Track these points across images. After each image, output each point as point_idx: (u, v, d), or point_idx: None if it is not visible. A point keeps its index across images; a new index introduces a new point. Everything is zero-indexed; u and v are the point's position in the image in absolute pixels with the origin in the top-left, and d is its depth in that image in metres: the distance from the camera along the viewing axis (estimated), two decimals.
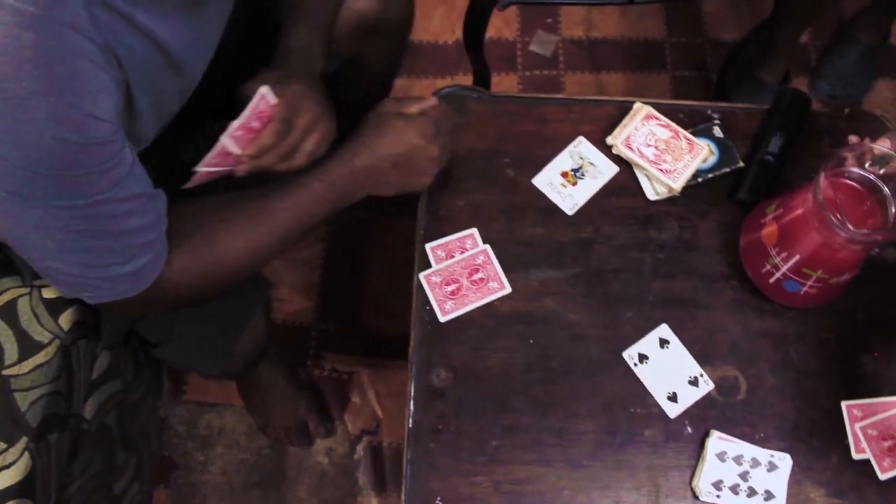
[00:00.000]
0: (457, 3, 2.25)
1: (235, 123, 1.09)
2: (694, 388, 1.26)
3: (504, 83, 2.19)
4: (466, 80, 2.06)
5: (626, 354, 1.27)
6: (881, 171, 1.16)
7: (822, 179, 1.13)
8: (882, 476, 1.23)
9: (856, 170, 1.17)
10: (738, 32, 2.26)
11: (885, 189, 1.15)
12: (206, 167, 1.11)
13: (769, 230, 1.25)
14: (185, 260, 1.07)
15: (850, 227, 1.12)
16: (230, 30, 1.17)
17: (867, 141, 1.17)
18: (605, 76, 2.21)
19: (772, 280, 1.28)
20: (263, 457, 1.89)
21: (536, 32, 2.24)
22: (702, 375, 1.26)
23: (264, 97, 1.10)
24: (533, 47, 2.22)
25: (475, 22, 1.67)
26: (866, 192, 1.18)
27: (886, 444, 1.24)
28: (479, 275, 1.30)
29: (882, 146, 1.15)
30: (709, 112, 1.43)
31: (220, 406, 1.92)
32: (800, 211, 1.20)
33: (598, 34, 2.28)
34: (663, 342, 1.28)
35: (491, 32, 2.23)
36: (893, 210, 1.15)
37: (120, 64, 0.91)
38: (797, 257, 1.21)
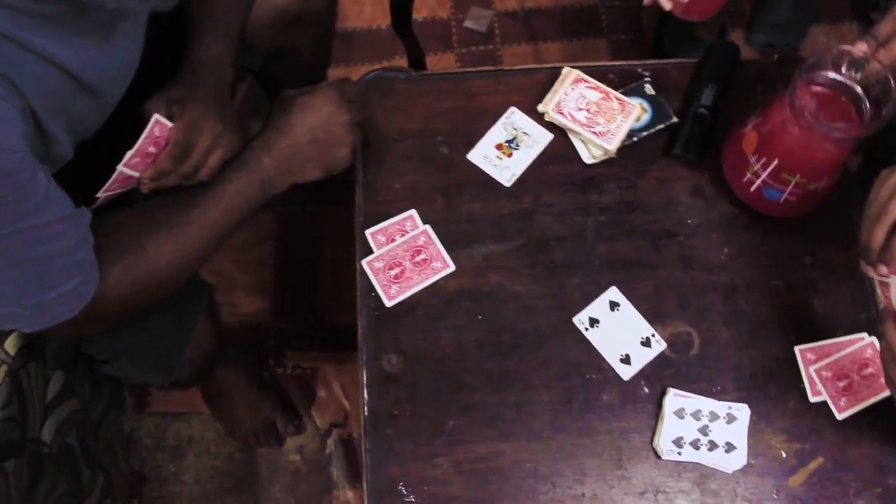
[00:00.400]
0: None
1: (130, 152, 1.06)
2: (647, 348, 1.25)
3: (442, 62, 2.17)
4: (403, 63, 2.03)
5: (576, 320, 1.27)
6: (858, 76, 1.16)
7: (798, 82, 1.14)
8: (839, 416, 1.23)
9: (830, 74, 1.18)
10: None
11: (858, 88, 1.17)
12: (107, 193, 1.09)
13: (749, 139, 1.26)
14: (117, 272, 1.06)
15: (825, 121, 1.14)
16: (154, 40, 1.15)
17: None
18: (542, 46, 2.20)
19: (752, 189, 1.28)
20: (235, 461, 1.87)
21: (470, 9, 2.22)
22: (654, 335, 1.26)
23: (158, 122, 1.08)
24: (468, 24, 2.20)
25: (400, 3, 1.65)
26: (840, 95, 1.19)
27: (841, 384, 1.25)
28: (422, 256, 1.29)
29: (859, 49, 1.15)
30: (639, 70, 1.42)
31: (187, 415, 1.90)
32: (777, 116, 1.20)
33: (533, 4, 2.26)
34: (613, 305, 1.28)
35: (424, 13, 2.21)
36: (867, 108, 1.16)
37: (20, 91, 0.89)
38: (776, 162, 1.22)
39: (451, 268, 1.29)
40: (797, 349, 1.27)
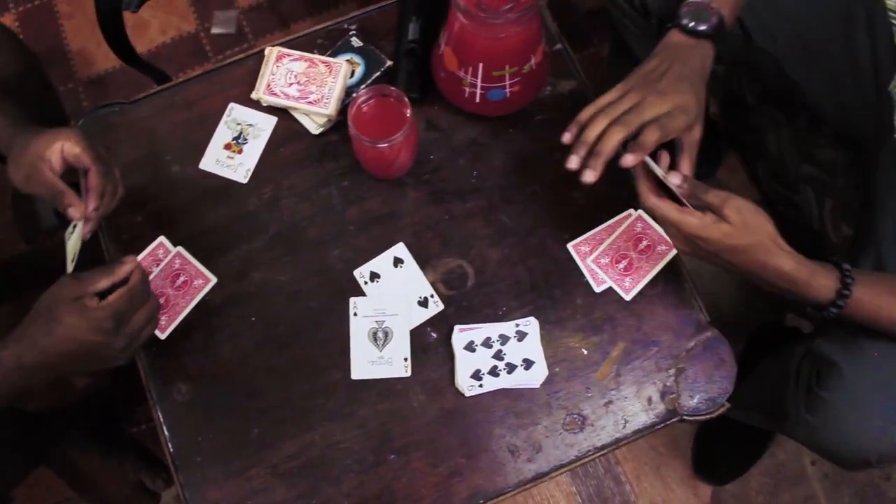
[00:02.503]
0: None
1: None
2: (423, 308, 1.24)
3: None
4: None
5: (356, 273, 1.26)
6: None
7: None
8: (628, 297, 1.24)
9: None
10: None
11: None
12: None
13: (448, 57, 1.25)
14: None
15: (487, 7, 1.13)
16: None
17: None
18: (294, 28, 2.16)
19: (477, 100, 1.27)
20: None
21: (214, 14, 2.17)
22: (432, 296, 1.24)
23: None
24: (215, 30, 2.15)
25: (112, 32, 1.60)
26: None
27: (621, 265, 1.25)
28: (182, 278, 1.26)
29: None
30: (345, 26, 1.39)
31: None
32: (455, 24, 1.19)
33: None
34: (397, 261, 1.26)
35: (171, 33, 2.16)
36: None
37: None
38: (481, 65, 1.21)
39: (213, 280, 1.26)
40: (569, 246, 1.27)
